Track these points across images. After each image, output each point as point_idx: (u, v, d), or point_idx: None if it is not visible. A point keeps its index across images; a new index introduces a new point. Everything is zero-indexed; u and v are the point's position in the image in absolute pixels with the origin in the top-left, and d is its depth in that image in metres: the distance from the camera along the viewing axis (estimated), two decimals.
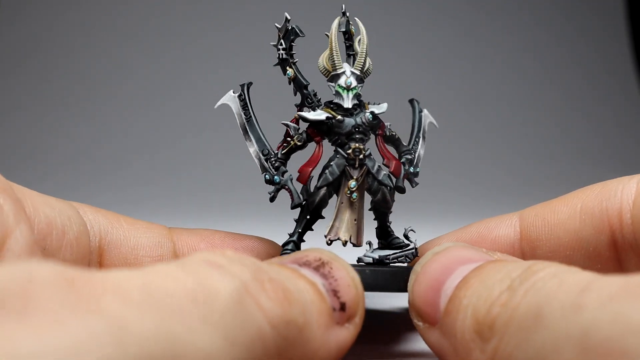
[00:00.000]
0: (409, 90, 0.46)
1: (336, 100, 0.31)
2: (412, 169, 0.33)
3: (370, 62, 0.31)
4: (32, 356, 0.14)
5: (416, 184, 0.33)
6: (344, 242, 0.31)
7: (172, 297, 0.17)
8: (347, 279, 0.23)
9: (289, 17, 0.31)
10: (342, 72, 0.31)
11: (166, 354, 0.16)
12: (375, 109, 0.31)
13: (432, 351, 0.24)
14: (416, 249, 0.31)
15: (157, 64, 0.97)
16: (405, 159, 0.33)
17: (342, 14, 0.32)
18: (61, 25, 0.97)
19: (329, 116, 0.30)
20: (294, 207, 0.31)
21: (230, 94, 0.33)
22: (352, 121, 0.30)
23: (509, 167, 0.91)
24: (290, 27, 0.31)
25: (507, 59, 1.06)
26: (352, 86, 0.30)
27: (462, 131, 0.92)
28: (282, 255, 0.30)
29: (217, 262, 0.19)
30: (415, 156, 0.33)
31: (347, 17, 0.32)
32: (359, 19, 0.32)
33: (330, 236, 0.31)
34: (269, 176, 0.31)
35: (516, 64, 1.06)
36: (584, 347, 0.17)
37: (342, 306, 0.23)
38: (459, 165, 0.89)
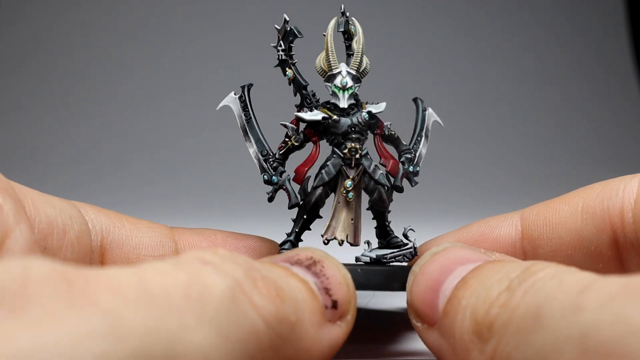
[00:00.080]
0: (409, 89, 0.46)
1: (333, 100, 0.31)
2: (412, 168, 0.33)
3: (367, 61, 0.31)
4: (29, 352, 0.14)
5: (416, 183, 0.33)
6: (340, 242, 0.31)
7: (166, 294, 0.17)
8: (339, 277, 0.24)
9: (287, 19, 0.32)
10: (338, 72, 0.31)
11: (162, 349, 0.16)
12: (372, 109, 0.31)
13: (430, 352, 0.24)
14: (415, 248, 0.31)
15: (157, 64, 0.97)
16: (404, 158, 0.33)
17: (341, 14, 0.32)
18: (61, 25, 0.97)
19: (325, 116, 0.31)
20: (291, 207, 0.31)
21: (231, 96, 0.33)
22: (348, 121, 0.31)
23: (509, 167, 0.91)
24: (289, 28, 0.31)
25: (507, 59, 1.06)
26: (347, 86, 0.31)
27: (462, 131, 0.92)
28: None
29: (209, 260, 0.20)
30: (415, 155, 0.33)
31: (347, 17, 0.32)
32: (359, 18, 0.32)
33: (326, 235, 0.31)
34: (267, 176, 0.32)
35: (516, 64, 1.06)
36: (584, 348, 0.17)
37: (334, 304, 0.23)
38: (459, 165, 0.89)
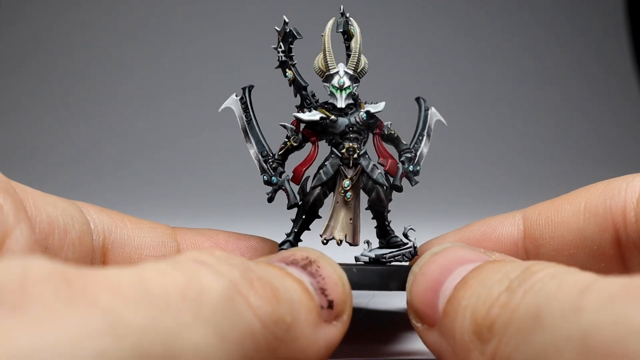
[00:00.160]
0: (410, 89, 0.47)
1: (331, 100, 0.31)
2: (412, 167, 0.33)
3: (366, 61, 0.31)
4: (29, 352, 0.14)
5: (416, 183, 0.33)
6: (339, 242, 0.31)
7: (164, 294, 0.17)
8: (334, 277, 0.24)
9: (287, 20, 0.32)
10: (336, 72, 0.31)
11: (160, 348, 0.16)
12: (371, 108, 0.31)
13: (430, 352, 0.24)
14: (415, 247, 0.31)
15: (157, 64, 0.97)
16: (404, 158, 0.33)
17: (340, 14, 0.32)
18: (61, 25, 0.97)
19: (323, 116, 0.31)
20: (290, 207, 0.32)
21: (232, 97, 0.33)
22: (345, 121, 0.31)
23: (509, 167, 0.91)
24: (288, 30, 0.32)
25: (507, 59, 1.06)
26: (345, 86, 0.31)
27: (462, 131, 0.92)
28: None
29: (206, 261, 0.20)
30: (416, 155, 0.33)
31: (346, 17, 0.32)
32: (359, 18, 0.32)
33: (325, 235, 0.31)
34: (267, 177, 0.32)
35: (516, 63, 1.06)
36: (585, 348, 0.17)
37: (330, 304, 0.23)
38: (460, 164, 0.89)
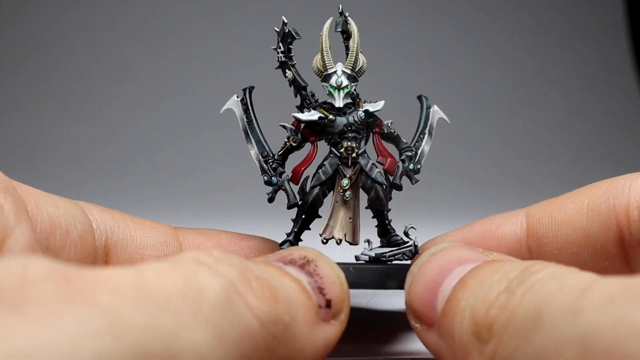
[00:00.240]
0: (411, 89, 0.46)
1: (329, 100, 0.31)
2: (412, 165, 0.33)
3: (364, 60, 0.31)
4: (29, 352, 0.14)
5: (416, 181, 0.33)
6: (338, 241, 0.31)
7: (163, 294, 0.17)
8: (332, 276, 0.24)
9: (285, 21, 0.32)
10: (334, 72, 0.31)
11: (160, 347, 0.16)
12: (370, 107, 0.31)
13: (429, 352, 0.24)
14: (416, 246, 0.31)
15: (157, 64, 0.97)
16: (405, 156, 0.33)
17: (339, 13, 0.32)
18: (61, 25, 0.97)
19: (321, 116, 0.31)
20: (290, 207, 0.32)
21: (233, 99, 0.33)
22: (343, 120, 0.31)
23: (510, 167, 0.91)
24: (287, 30, 0.32)
25: (507, 59, 1.06)
26: (342, 85, 0.31)
27: (462, 130, 0.92)
28: None
29: (204, 261, 0.20)
30: (417, 153, 0.33)
31: (346, 16, 0.32)
32: (359, 18, 0.32)
33: (325, 235, 0.31)
34: (267, 177, 0.32)
35: (516, 63, 1.06)
36: (586, 349, 0.17)
37: (328, 303, 0.23)
38: (461, 164, 0.89)
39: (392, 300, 0.37)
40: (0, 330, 0.14)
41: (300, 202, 0.32)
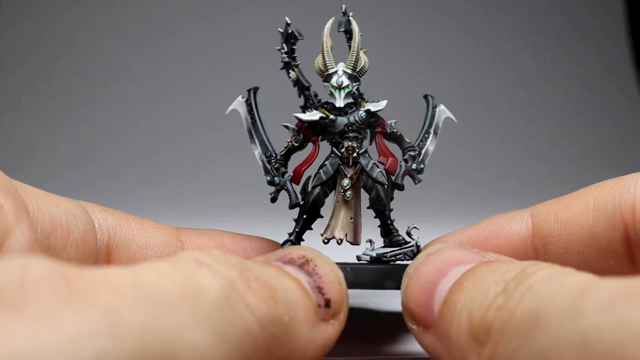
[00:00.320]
0: (412, 89, 0.46)
1: (330, 100, 0.31)
2: (415, 165, 0.32)
3: (366, 59, 0.31)
4: (29, 351, 0.14)
5: (419, 181, 0.33)
6: (339, 241, 0.31)
7: (163, 293, 0.17)
8: (331, 275, 0.24)
9: (289, 22, 0.32)
10: (334, 72, 0.31)
11: (159, 347, 0.16)
12: (371, 107, 0.31)
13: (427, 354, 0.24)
14: (419, 246, 0.31)
15: (158, 64, 0.97)
16: (408, 156, 0.33)
17: (342, 13, 0.32)
18: (61, 25, 0.97)
19: (322, 116, 0.31)
20: (291, 207, 0.32)
21: (238, 99, 0.33)
22: (344, 120, 0.31)
23: (510, 167, 0.91)
24: (290, 31, 0.32)
25: (506, 59, 1.06)
26: (343, 85, 0.31)
27: (463, 130, 0.92)
28: None
29: (204, 261, 0.20)
30: (421, 152, 0.33)
31: (349, 16, 0.32)
32: (363, 18, 0.32)
33: (326, 235, 0.31)
34: (269, 177, 0.32)
35: (516, 63, 1.06)
36: (586, 352, 0.16)
37: (327, 303, 0.23)
38: (464, 164, 0.89)
39: (392, 300, 0.37)
40: (0, 330, 0.14)
41: (301, 202, 0.32)
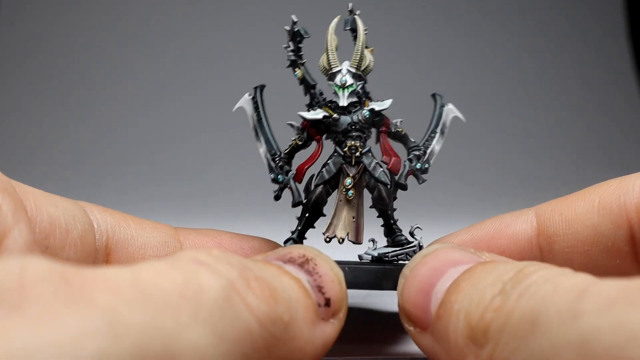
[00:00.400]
0: (412, 89, 0.46)
1: (334, 98, 0.31)
2: (420, 165, 0.32)
3: (371, 58, 0.31)
4: (29, 352, 0.14)
5: (423, 181, 0.32)
6: (340, 240, 0.31)
7: (162, 293, 0.17)
8: (331, 274, 0.24)
9: (295, 20, 0.32)
10: (338, 71, 0.31)
11: (159, 347, 0.16)
12: (376, 106, 0.31)
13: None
14: (421, 246, 0.31)
15: (157, 64, 0.97)
16: (412, 155, 0.32)
17: (349, 12, 0.32)
18: (61, 25, 0.97)
19: (326, 115, 0.31)
20: (294, 205, 0.32)
21: (245, 97, 0.33)
22: (347, 119, 0.31)
23: (510, 167, 0.91)
24: (296, 29, 0.32)
25: (507, 59, 1.06)
26: (347, 84, 0.31)
27: (463, 131, 0.92)
28: None
29: (204, 260, 0.20)
30: (426, 152, 0.33)
31: (356, 14, 0.32)
32: (370, 16, 0.32)
33: (327, 234, 0.31)
34: (273, 175, 0.32)
35: (516, 63, 1.06)
36: (585, 353, 0.16)
37: (327, 302, 0.23)
38: (465, 165, 0.89)
39: (393, 300, 0.37)
40: (0, 330, 0.14)
41: (304, 201, 0.32)
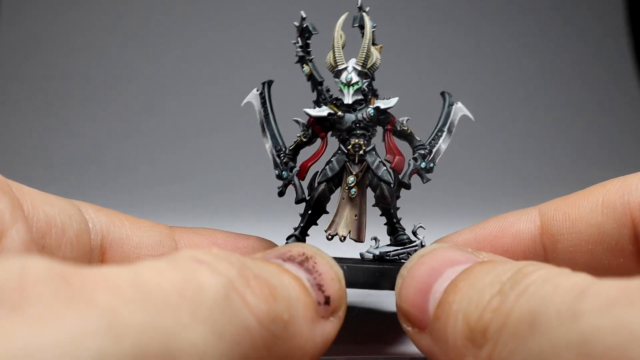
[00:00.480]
0: (412, 89, 0.46)
1: (340, 96, 0.31)
2: (425, 164, 0.32)
3: (377, 56, 0.31)
4: (29, 352, 0.14)
5: (427, 180, 0.32)
6: (342, 238, 0.31)
7: (162, 292, 0.17)
8: (331, 273, 0.24)
9: (304, 16, 0.32)
10: (344, 68, 0.31)
11: (159, 347, 0.16)
12: (381, 104, 0.31)
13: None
14: (423, 246, 0.31)
15: (157, 65, 0.97)
16: (417, 154, 0.32)
17: (358, 8, 0.32)
18: (61, 25, 0.97)
19: (330, 112, 0.31)
20: (297, 201, 0.32)
21: (253, 92, 0.33)
22: (352, 117, 0.31)
23: (510, 167, 0.91)
24: (305, 25, 0.32)
25: (507, 59, 1.06)
26: (352, 82, 0.31)
27: (463, 131, 0.92)
28: None
29: (203, 259, 0.20)
30: (432, 151, 0.33)
31: (365, 11, 0.32)
32: (378, 14, 0.32)
33: (330, 231, 0.31)
34: (278, 171, 0.32)
35: (516, 64, 1.06)
36: (585, 354, 0.16)
37: (327, 300, 0.23)
38: (466, 164, 0.89)
39: (391, 299, 0.37)
40: (0, 330, 0.14)
41: (308, 198, 0.31)
